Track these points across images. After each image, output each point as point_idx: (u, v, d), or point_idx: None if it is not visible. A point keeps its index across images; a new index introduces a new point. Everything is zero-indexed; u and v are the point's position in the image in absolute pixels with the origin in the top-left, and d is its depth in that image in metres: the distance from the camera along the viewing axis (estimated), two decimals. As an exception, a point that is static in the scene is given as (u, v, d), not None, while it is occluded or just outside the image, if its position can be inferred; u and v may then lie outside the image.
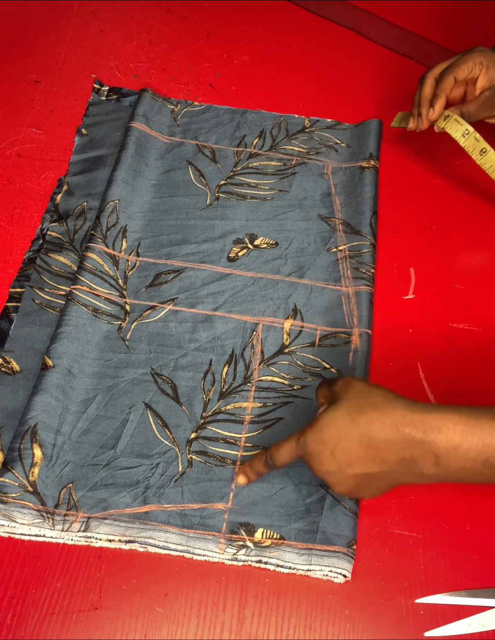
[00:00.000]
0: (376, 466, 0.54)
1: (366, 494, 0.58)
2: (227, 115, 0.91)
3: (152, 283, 0.75)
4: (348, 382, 0.57)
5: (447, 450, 0.52)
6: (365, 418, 0.53)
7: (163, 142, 0.87)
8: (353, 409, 0.54)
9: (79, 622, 0.57)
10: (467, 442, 0.52)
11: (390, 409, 0.54)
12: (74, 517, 0.61)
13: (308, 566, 0.59)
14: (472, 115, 0.78)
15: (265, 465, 0.60)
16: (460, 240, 0.81)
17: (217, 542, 0.60)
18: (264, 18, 1.02)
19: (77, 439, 0.65)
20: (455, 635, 0.57)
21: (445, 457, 0.52)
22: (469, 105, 0.78)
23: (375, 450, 0.54)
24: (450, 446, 0.52)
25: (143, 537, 0.60)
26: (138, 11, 1.02)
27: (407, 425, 0.53)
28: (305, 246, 0.79)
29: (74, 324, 0.70)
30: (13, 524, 0.60)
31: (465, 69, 0.76)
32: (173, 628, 0.57)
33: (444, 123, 0.77)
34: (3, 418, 0.66)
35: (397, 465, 0.54)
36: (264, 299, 0.75)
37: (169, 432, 0.66)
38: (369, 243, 0.79)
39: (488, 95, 0.78)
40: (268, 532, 0.61)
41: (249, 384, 0.69)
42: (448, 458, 0.52)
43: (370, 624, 0.58)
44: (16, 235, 0.79)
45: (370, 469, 0.54)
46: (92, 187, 0.83)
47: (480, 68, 0.77)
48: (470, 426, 0.52)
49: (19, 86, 0.92)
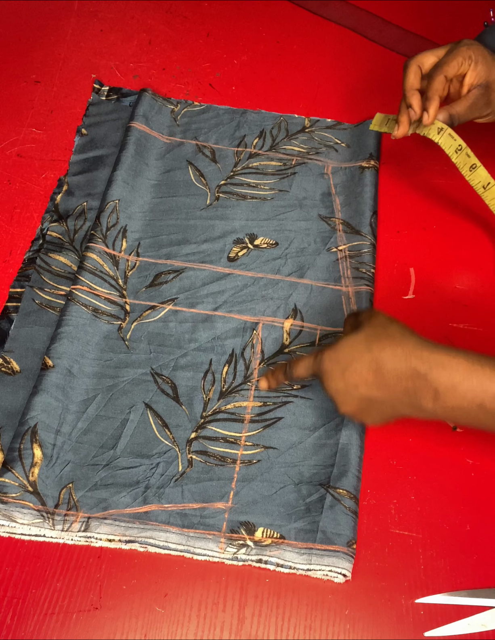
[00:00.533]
0: (380, 392, 0.57)
1: (368, 420, 0.61)
2: (227, 115, 0.91)
3: (152, 283, 0.75)
4: (373, 313, 0.61)
5: (447, 387, 0.54)
6: (378, 345, 0.57)
7: (163, 142, 0.87)
8: (370, 337, 0.58)
9: (79, 622, 0.57)
10: (467, 383, 0.54)
11: (403, 340, 0.57)
12: (74, 517, 0.61)
13: (308, 565, 0.59)
14: (461, 117, 0.73)
15: (285, 375, 0.64)
16: (460, 240, 0.81)
17: (218, 542, 0.60)
18: (264, 18, 1.02)
19: (77, 439, 0.65)
20: (455, 635, 0.57)
21: (445, 394, 0.55)
22: (458, 106, 0.73)
23: (382, 376, 0.56)
24: (450, 384, 0.54)
25: (143, 537, 0.60)
26: (138, 11, 1.02)
27: (415, 358, 0.55)
28: (305, 246, 0.79)
29: (74, 324, 0.70)
30: (13, 524, 0.60)
31: (455, 66, 0.71)
32: (173, 628, 0.57)
33: (438, 137, 0.73)
34: (3, 418, 0.66)
35: (399, 394, 0.57)
36: (264, 298, 0.75)
37: (168, 432, 0.66)
38: (369, 243, 0.79)
39: (478, 94, 0.73)
40: (268, 531, 0.61)
41: (249, 383, 0.69)
42: (447, 395, 0.55)
43: (370, 624, 0.58)
44: (16, 235, 0.79)
45: (374, 393, 0.57)
46: (92, 187, 0.83)
47: (469, 63, 0.72)
48: (473, 369, 0.54)
49: (19, 86, 0.92)
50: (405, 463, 0.65)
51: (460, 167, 0.75)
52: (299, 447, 0.65)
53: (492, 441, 0.67)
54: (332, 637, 0.57)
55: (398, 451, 0.66)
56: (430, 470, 0.65)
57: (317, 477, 0.63)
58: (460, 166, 0.75)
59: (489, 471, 0.65)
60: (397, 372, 0.56)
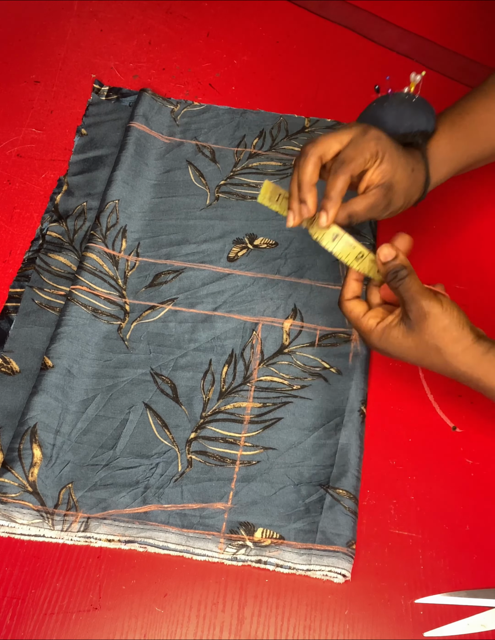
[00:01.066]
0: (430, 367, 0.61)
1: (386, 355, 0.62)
2: (226, 115, 0.91)
3: (151, 283, 0.75)
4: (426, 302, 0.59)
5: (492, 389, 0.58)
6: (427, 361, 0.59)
7: (163, 142, 0.87)
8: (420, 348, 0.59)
9: (79, 622, 0.57)
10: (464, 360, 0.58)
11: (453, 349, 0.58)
12: (74, 517, 0.61)
13: (307, 566, 0.59)
14: (359, 217, 0.63)
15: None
16: (460, 240, 0.81)
17: (217, 542, 0.60)
18: (264, 18, 1.02)
19: (76, 439, 0.65)
20: (455, 635, 0.57)
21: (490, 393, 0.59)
22: (356, 205, 0.62)
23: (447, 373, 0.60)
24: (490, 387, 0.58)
25: (143, 537, 0.60)
26: (138, 11, 1.02)
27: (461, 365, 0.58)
28: (305, 246, 0.79)
29: (73, 324, 0.70)
30: (13, 524, 0.60)
31: (362, 164, 0.61)
32: (172, 628, 0.57)
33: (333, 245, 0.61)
34: (3, 418, 0.66)
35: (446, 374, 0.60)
36: (264, 298, 0.75)
37: (168, 432, 0.66)
38: (368, 243, 0.79)
39: (379, 195, 0.63)
40: (268, 532, 0.61)
41: (249, 383, 0.69)
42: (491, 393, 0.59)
43: (370, 624, 0.58)
44: (16, 235, 0.79)
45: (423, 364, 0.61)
46: (92, 187, 0.83)
47: (375, 160, 0.62)
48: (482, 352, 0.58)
49: (19, 86, 0.92)
50: (405, 463, 0.65)
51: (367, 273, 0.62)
52: (298, 447, 0.65)
53: (492, 441, 0.67)
54: (332, 637, 0.57)
55: (398, 451, 0.66)
56: (430, 471, 0.65)
57: (316, 478, 0.63)
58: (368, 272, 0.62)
59: (488, 471, 0.65)
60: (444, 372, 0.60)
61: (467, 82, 0.94)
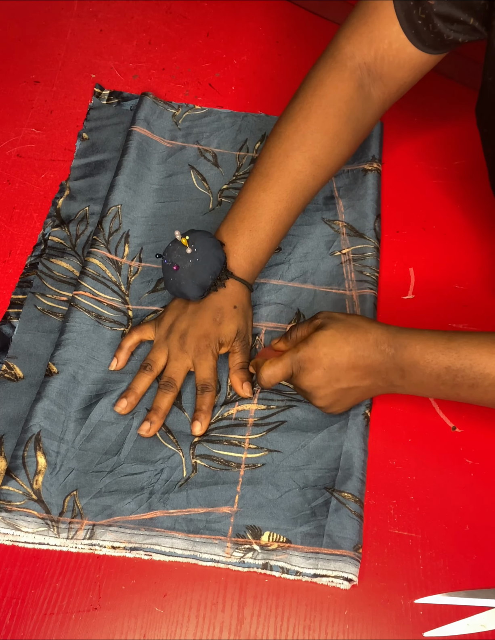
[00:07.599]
0: (360, 381, 0.61)
1: (340, 408, 0.64)
2: (228, 118, 0.90)
3: (154, 288, 0.75)
4: (329, 314, 0.63)
5: (409, 365, 0.60)
6: (354, 336, 0.60)
7: (165, 146, 0.87)
8: (342, 330, 0.61)
9: (78, 622, 0.57)
10: (424, 360, 0.59)
11: (371, 328, 0.61)
12: (79, 524, 0.60)
13: (314, 570, 0.58)
14: None
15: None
16: (460, 240, 0.81)
17: (224, 546, 0.60)
18: (264, 18, 1.02)
19: (80, 446, 0.64)
20: (455, 635, 0.57)
21: (409, 371, 0.60)
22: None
23: (360, 366, 0.61)
24: (411, 361, 0.60)
25: (149, 544, 0.59)
26: (138, 11, 1.02)
27: (383, 343, 0.60)
28: (309, 250, 0.78)
29: (77, 330, 0.70)
30: (17, 533, 0.59)
31: None
32: (172, 628, 0.57)
33: None
34: (6, 425, 0.65)
35: (376, 379, 0.61)
36: (267, 304, 0.74)
37: (172, 437, 0.66)
38: (372, 246, 0.78)
39: None
40: (274, 535, 0.60)
41: (255, 388, 0.69)
42: (410, 372, 0.60)
43: (370, 624, 0.58)
44: (16, 235, 0.79)
45: (354, 383, 0.61)
46: (94, 191, 0.82)
47: None
48: (428, 345, 0.59)
49: (19, 86, 0.92)
50: (405, 463, 0.65)
51: None
52: (302, 450, 0.65)
53: (492, 441, 0.67)
54: (332, 637, 0.57)
55: (398, 451, 0.66)
56: (430, 471, 0.65)
57: (321, 481, 0.63)
58: None
59: (488, 471, 0.65)
60: (372, 359, 0.60)
61: (467, 82, 0.94)
